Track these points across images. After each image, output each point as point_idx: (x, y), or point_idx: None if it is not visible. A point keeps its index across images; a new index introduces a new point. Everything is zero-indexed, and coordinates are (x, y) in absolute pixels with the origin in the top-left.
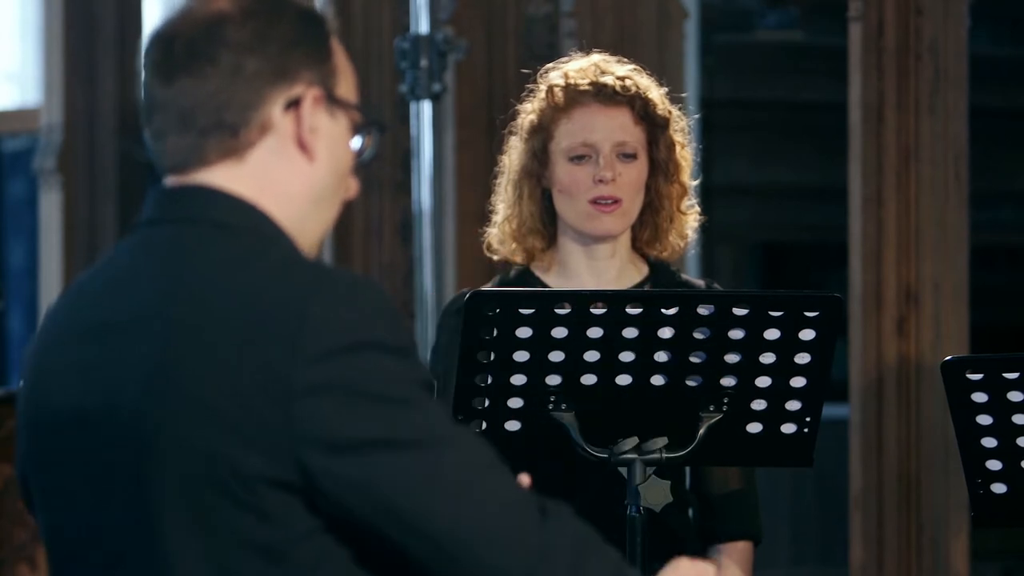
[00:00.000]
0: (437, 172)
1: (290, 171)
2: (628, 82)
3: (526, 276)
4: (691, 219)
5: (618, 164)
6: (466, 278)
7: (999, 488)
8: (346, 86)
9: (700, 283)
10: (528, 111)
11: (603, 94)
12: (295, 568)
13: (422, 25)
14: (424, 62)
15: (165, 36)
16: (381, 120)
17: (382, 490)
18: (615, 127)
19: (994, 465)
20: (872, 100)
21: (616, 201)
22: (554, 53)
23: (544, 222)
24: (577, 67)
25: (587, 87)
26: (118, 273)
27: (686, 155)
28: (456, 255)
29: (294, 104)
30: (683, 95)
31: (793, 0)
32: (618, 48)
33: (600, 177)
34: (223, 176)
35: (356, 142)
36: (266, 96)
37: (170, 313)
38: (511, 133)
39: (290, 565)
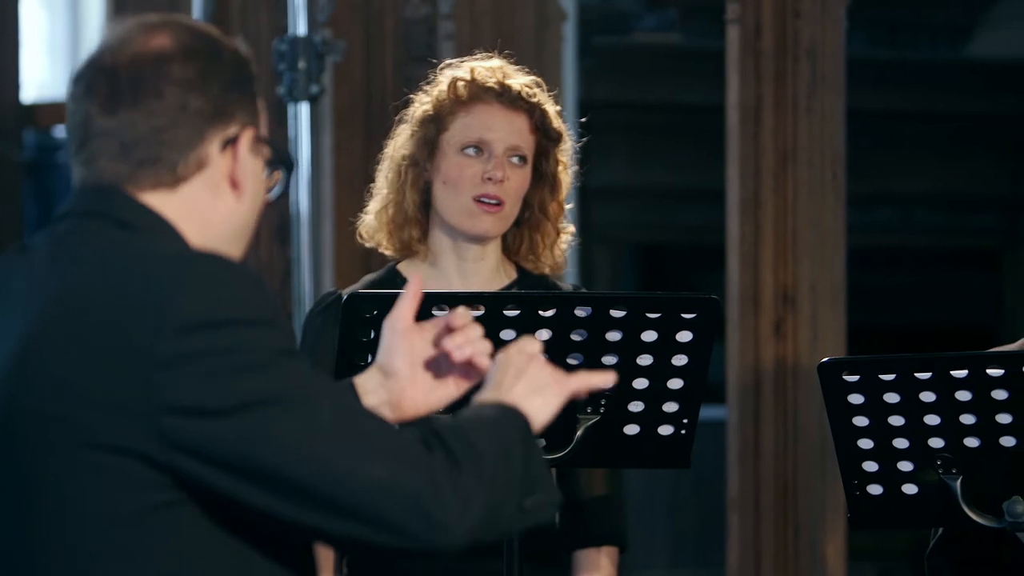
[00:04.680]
0: (315, 174)
1: (217, 205)
2: (531, 91)
3: (393, 275)
4: (566, 238)
5: (507, 166)
6: (343, 279)
7: (875, 489)
8: (264, 127)
9: (567, 286)
10: (423, 101)
11: (507, 96)
12: (155, 536)
13: (300, 27)
14: (302, 64)
15: (108, 66)
16: (290, 158)
17: (248, 450)
18: (512, 130)
19: (870, 466)
20: (750, 102)
21: (500, 203)
22: (432, 55)
23: (422, 213)
24: (484, 65)
25: (493, 85)
26: (18, 259)
27: (567, 177)
28: (334, 256)
29: (230, 143)
30: (559, 92)
31: (671, 2)
32: (496, 50)
33: (491, 175)
34: (152, 200)
35: (272, 190)
36: (206, 135)
37: (47, 293)
38: (400, 122)
39: (150, 533)
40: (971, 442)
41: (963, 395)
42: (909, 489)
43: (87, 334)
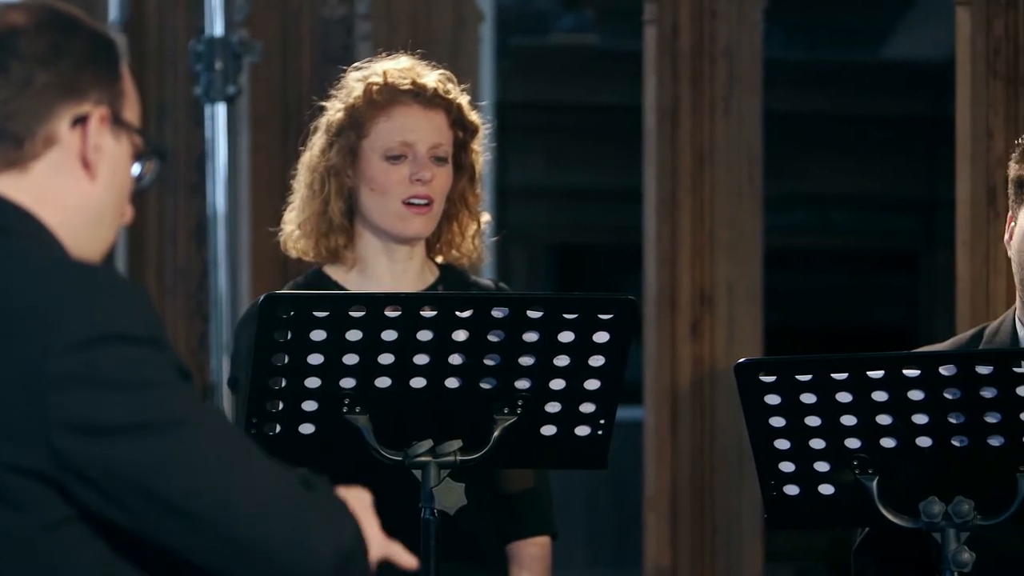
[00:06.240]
0: (232, 175)
1: (71, 187)
2: (446, 87)
3: (320, 279)
4: (483, 225)
5: (432, 166)
6: (261, 281)
7: (792, 490)
8: (131, 111)
9: (489, 283)
10: (336, 108)
11: (423, 96)
12: (44, 557)
13: (217, 27)
14: (219, 64)
15: None
16: (163, 148)
17: (140, 473)
18: (432, 128)
19: (787, 467)
20: (667, 103)
21: (429, 203)
22: (349, 56)
23: (347, 220)
24: (395, 66)
25: (408, 87)
26: None
27: (481, 164)
28: (251, 258)
29: (81, 121)
30: (480, 95)
31: (588, 3)
32: (414, 51)
33: (419, 177)
34: (5, 185)
35: (136, 168)
36: (54, 110)
37: None
38: (315, 130)
39: (39, 555)
40: (887, 442)
41: (879, 396)
42: (826, 489)
43: None
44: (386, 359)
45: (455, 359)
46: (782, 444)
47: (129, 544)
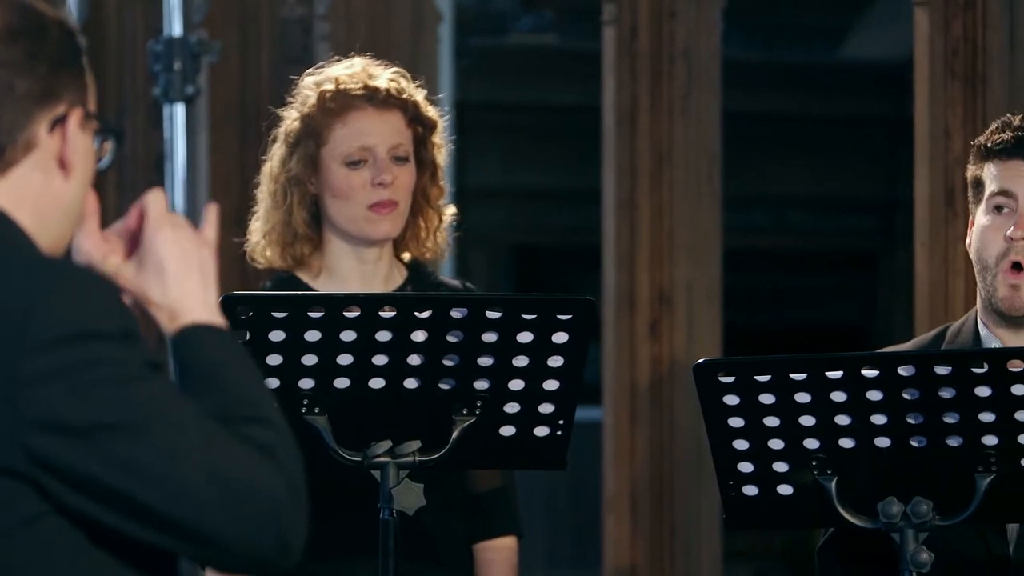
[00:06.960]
0: (191, 175)
1: (47, 187)
2: (399, 86)
3: (292, 281)
4: (447, 219)
5: (393, 167)
6: (221, 281)
7: (750, 490)
8: (92, 100)
9: (456, 283)
10: (292, 117)
11: (376, 98)
12: (18, 554)
13: (175, 27)
14: (177, 65)
15: None
16: (120, 130)
17: (112, 471)
18: (390, 130)
19: (745, 467)
20: (625, 104)
21: (394, 204)
22: (308, 56)
23: (312, 229)
24: (345, 71)
25: (360, 91)
26: None
27: (443, 157)
28: None
29: (58, 123)
30: (439, 95)
31: (547, 4)
32: (372, 51)
33: (380, 181)
34: None
35: (102, 160)
36: (33, 116)
37: None
38: (274, 140)
39: (15, 550)
40: (846, 443)
41: (838, 396)
42: (784, 490)
43: None
44: (345, 360)
45: (414, 360)
46: (741, 444)
47: (106, 535)
